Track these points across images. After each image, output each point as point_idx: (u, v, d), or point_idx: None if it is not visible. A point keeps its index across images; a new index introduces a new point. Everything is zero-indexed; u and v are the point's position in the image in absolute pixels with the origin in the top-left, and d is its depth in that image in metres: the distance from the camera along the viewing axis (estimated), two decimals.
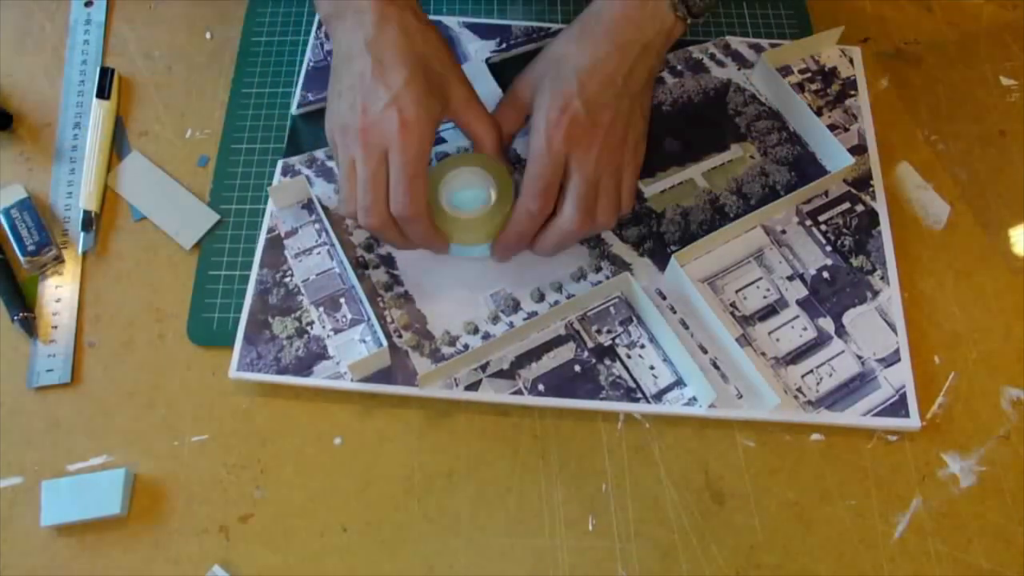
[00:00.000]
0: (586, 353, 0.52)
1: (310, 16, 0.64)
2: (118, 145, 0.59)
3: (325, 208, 0.56)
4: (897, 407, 0.50)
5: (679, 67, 0.64)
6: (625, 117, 0.50)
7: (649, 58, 0.51)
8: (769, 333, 0.53)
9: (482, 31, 0.65)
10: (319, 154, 0.59)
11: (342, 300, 0.53)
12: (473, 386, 0.51)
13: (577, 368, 0.52)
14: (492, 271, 0.55)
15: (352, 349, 0.52)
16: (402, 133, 0.46)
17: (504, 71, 0.62)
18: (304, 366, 0.51)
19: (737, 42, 0.65)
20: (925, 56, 0.62)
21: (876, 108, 0.59)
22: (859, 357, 0.52)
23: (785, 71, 0.64)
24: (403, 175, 0.46)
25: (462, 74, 0.51)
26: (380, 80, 0.47)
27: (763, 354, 0.52)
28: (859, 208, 0.58)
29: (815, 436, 0.50)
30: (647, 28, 0.50)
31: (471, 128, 0.51)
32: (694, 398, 0.50)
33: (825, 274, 0.55)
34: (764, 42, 0.65)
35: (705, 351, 0.52)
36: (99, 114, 0.59)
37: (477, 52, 0.63)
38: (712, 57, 0.64)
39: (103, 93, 0.60)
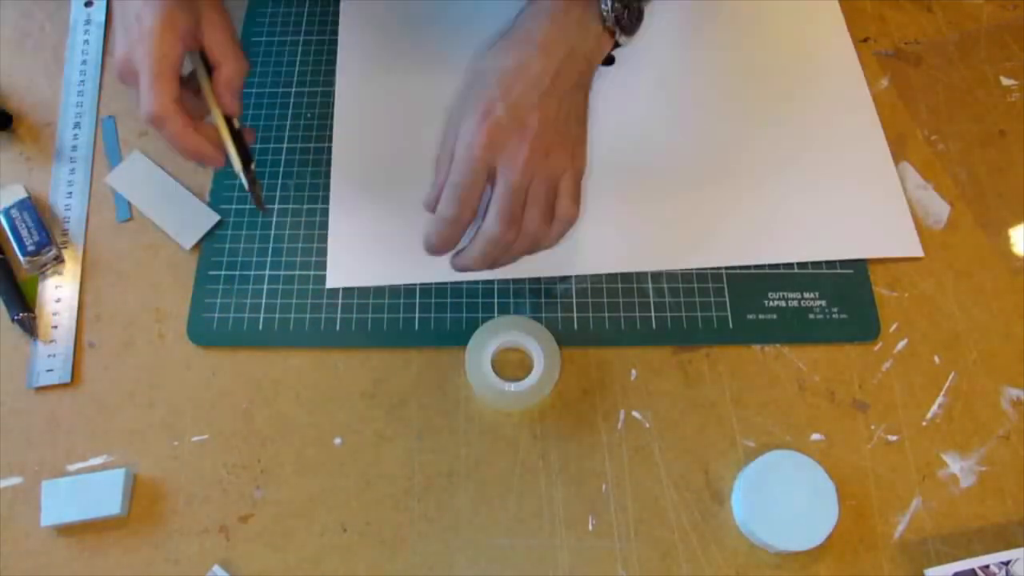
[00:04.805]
0: None
1: (310, 16, 0.64)
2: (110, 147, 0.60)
3: None
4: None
5: None
6: (556, 119, 0.48)
7: (576, 62, 0.49)
8: None
9: None
10: None
11: None
12: None
13: None
14: None
15: None
16: (143, 38, 0.45)
17: None
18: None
19: None
20: (925, 56, 0.62)
21: (876, 108, 0.59)
22: None
23: None
24: (143, 77, 0.45)
25: (219, 4, 0.49)
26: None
27: None
28: None
29: (815, 436, 0.50)
30: (572, 34, 0.49)
31: (212, 54, 0.48)
32: None
33: None
34: None
35: None
36: None
37: None
38: None
39: None
